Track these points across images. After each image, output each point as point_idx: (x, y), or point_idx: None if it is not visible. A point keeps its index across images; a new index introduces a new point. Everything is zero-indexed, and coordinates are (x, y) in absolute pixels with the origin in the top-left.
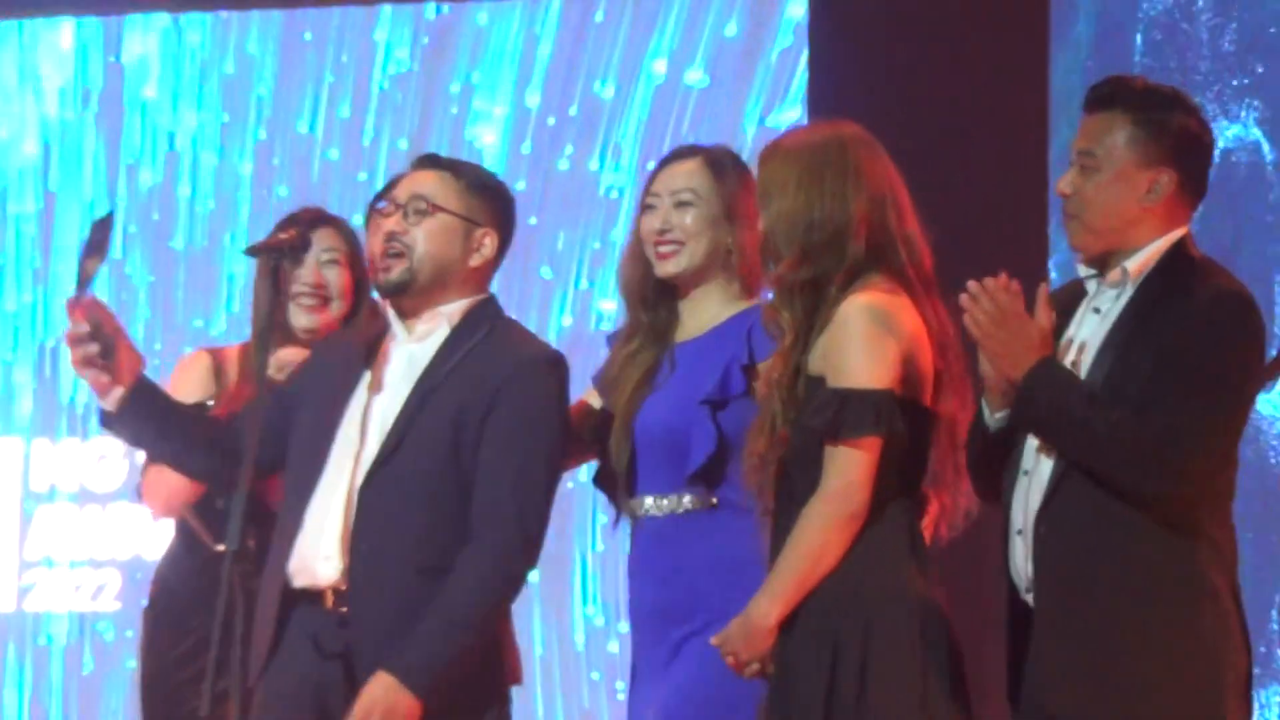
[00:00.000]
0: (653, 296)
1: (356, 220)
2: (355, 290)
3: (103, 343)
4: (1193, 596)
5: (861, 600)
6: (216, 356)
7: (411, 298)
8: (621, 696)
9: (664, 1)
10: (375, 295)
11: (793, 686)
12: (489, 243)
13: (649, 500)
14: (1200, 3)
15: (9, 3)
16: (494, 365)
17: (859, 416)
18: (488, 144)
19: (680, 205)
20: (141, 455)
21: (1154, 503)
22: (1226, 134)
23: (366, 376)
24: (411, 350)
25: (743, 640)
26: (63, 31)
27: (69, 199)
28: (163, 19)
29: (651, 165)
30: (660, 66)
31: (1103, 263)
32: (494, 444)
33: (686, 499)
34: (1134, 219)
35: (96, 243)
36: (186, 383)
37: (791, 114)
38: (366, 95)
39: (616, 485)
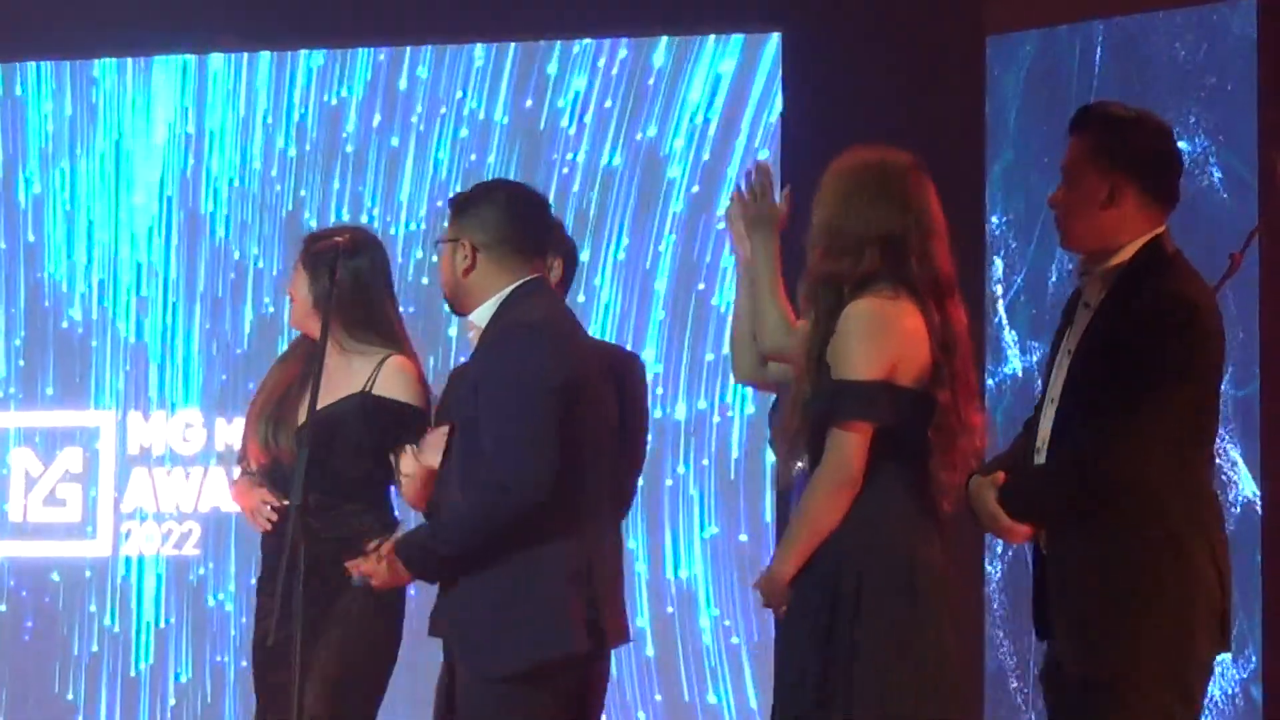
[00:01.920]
0: None
1: None
2: None
3: None
4: (1162, 561)
5: (856, 555)
6: None
7: (462, 317)
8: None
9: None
10: None
11: (798, 626)
12: (467, 251)
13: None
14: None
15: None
16: (481, 346)
17: (851, 404)
18: None
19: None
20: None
21: (1117, 496)
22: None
23: None
24: None
25: (767, 589)
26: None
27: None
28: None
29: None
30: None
31: (1093, 260)
32: (482, 410)
33: (798, 463)
34: (1101, 223)
35: None
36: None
37: None
38: None
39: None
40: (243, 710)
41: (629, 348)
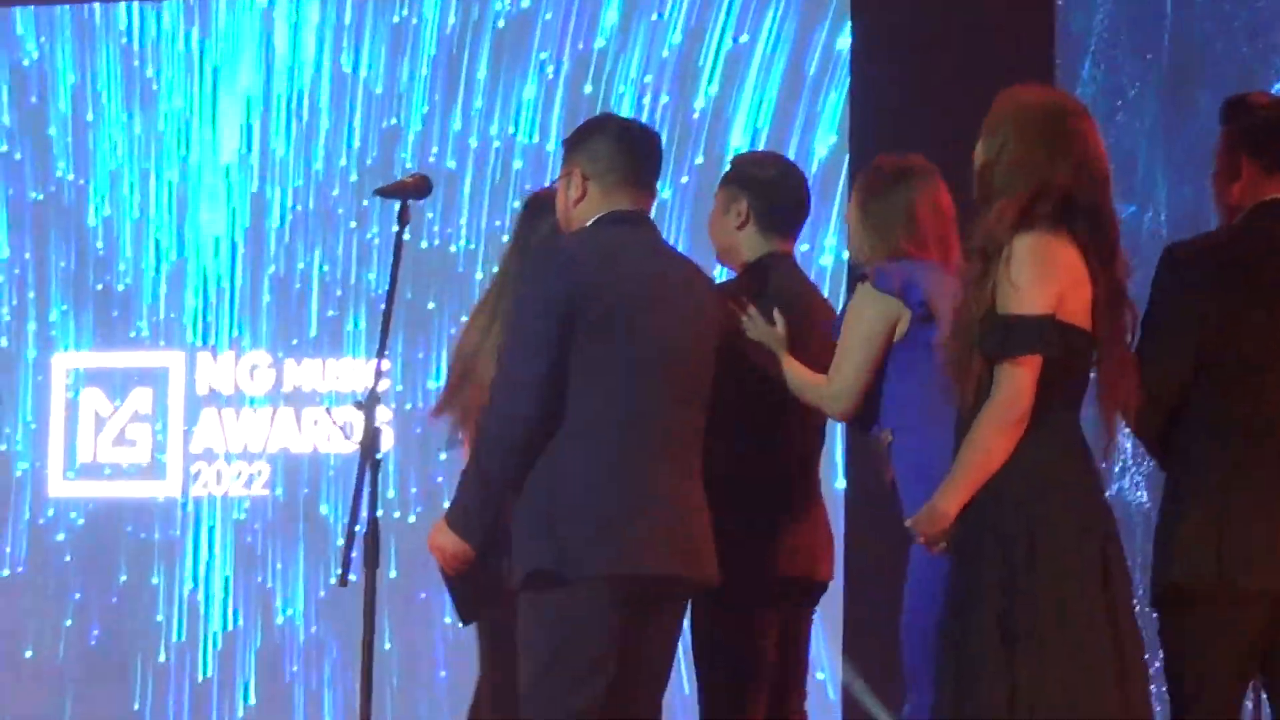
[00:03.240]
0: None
1: None
2: None
3: None
4: (1164, 508)
5: (1025, 494)
6: None
7: None
8: None
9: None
10: None
11: (973, 571)
12: (576, 180)
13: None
14: None
15: None
16: None
17: (1020, 339)
18: None
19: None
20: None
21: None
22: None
23: None
24: None
25: (927, 523)
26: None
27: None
28: None
29: None
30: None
31: None
32: None
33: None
34: (1227, 198)
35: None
36: None
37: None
38: None
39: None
40: None
41: None
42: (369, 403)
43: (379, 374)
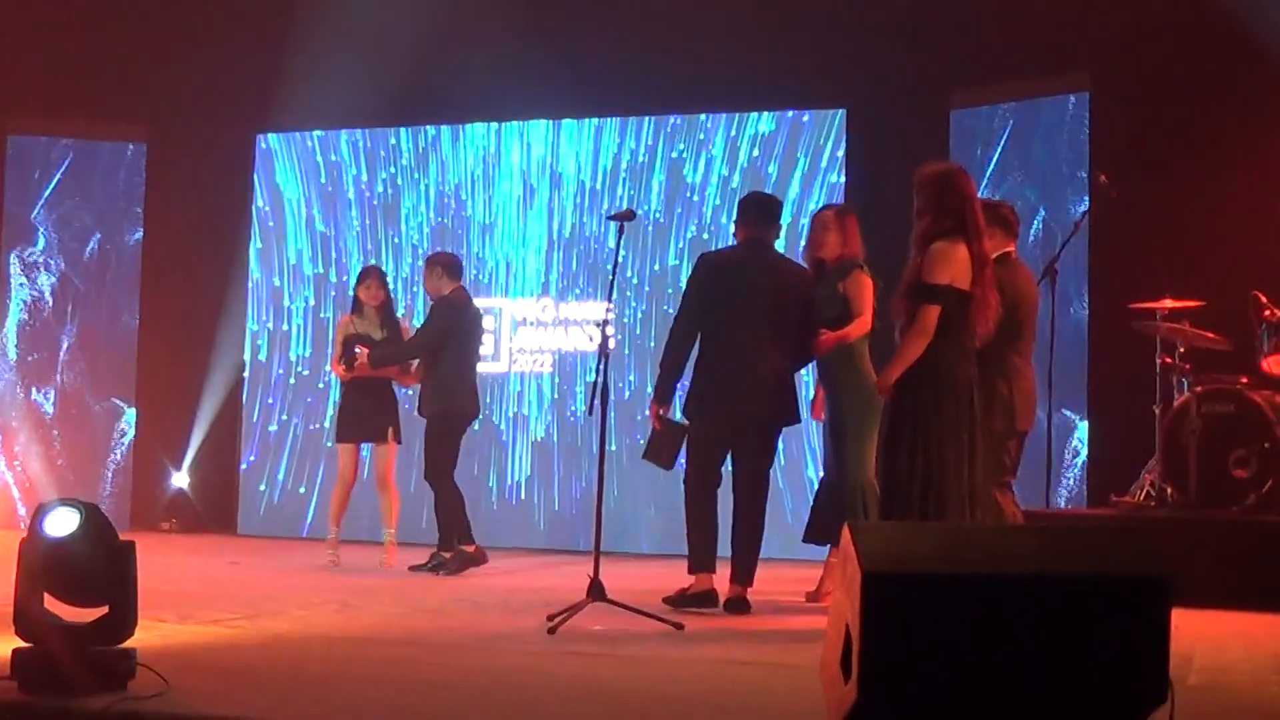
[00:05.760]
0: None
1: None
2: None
3: None
4: None
5: (925, 380)
6: None
7: None
8: None
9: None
10: None
11: (899, 419)
12: (736, 228)
13: None
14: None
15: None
16: None
17: (930, 297)
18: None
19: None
20: None
21: None
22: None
23: None
24: None
25: (881, 384)
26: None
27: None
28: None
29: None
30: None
31: None
32: None
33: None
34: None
35: None
36: None
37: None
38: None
39: None
40: None
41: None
42: (603, 325)
43: (609, 309)
